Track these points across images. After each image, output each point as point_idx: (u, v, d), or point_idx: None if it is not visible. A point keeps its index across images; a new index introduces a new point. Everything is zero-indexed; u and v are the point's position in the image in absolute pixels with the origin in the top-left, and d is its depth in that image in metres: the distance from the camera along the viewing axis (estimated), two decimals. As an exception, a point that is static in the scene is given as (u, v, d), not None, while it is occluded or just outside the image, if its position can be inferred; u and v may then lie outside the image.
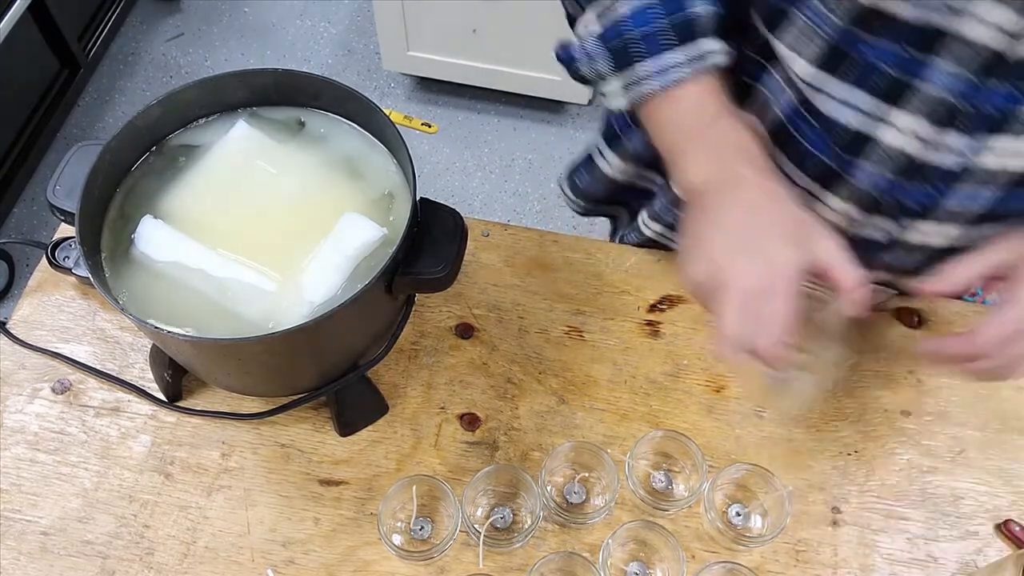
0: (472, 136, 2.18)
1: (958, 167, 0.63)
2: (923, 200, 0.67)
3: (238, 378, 0.72)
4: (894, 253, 0.74)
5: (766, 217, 0.60)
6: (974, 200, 0.66)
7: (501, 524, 0.74)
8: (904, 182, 0.65)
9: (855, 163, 0.66)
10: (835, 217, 0.72)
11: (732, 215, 0.60)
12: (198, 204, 0.70)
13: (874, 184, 0.67)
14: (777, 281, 0.57)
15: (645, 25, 0.63)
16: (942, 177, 0.64)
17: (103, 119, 2.19)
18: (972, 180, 0.65)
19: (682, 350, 0.84)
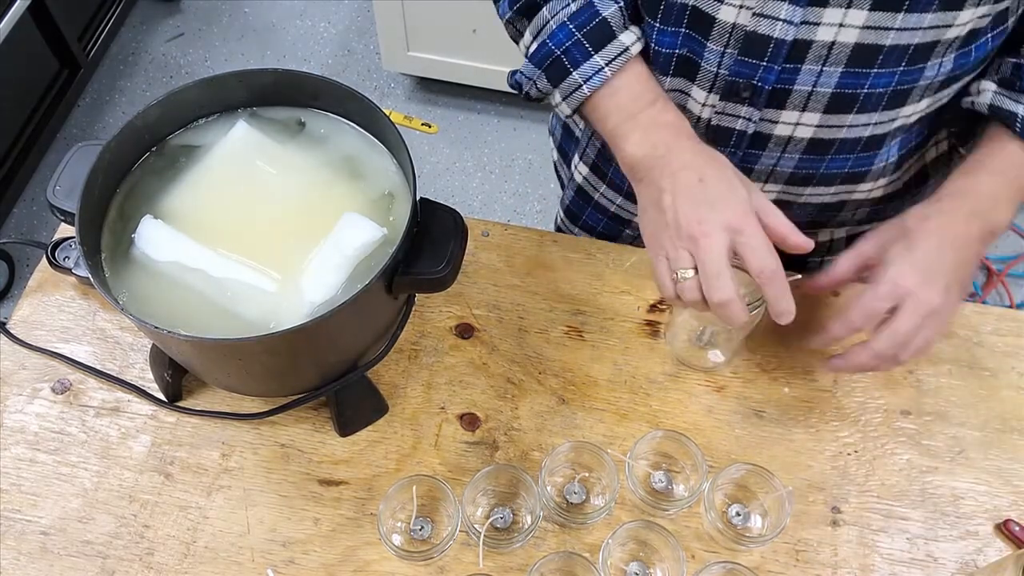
0: (472, 136, 2.18)
1: (791, 38, 0.66)
2: (769, 77, 0.69)
3: (238, 378, 0.72)
4: (771, 154, 0.77)
5: (712, 175, 0.66)
6: (820, 80, 0.68)
7: (501, 524, 0.74)
8: (747, 59, 0.68)
9: (703, 45, 0.69)
10: (702, 110, 0.75)
11: (682, 180, 0.67)
12: (198, 204, 0.70)
13: (723, 65, 0.70)
14: (746, 219, 0.64)
15: (566, 40, 0.72)
16: (779, 51, 0.67)
17: (103, 119, 2.19)
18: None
19: (682, 350, 0.84)
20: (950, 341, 0.85)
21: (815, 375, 0.83)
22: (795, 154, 0.76)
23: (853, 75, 0.68)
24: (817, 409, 0.81)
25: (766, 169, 0.78)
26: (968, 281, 0.70)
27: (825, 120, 0.72)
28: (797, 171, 0.78)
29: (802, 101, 0.70)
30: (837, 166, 0.77)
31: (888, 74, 0.68)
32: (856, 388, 0.82)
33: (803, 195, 0.82)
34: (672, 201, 0.66)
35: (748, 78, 0.69)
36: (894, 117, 0.73)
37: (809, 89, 0.69)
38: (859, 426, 0.80)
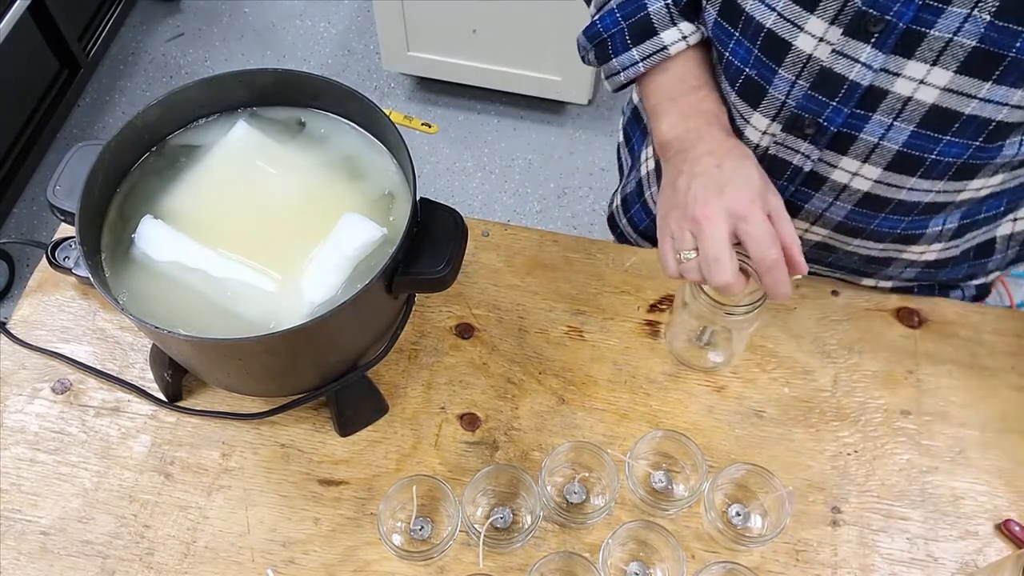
0: (472, 136, 2.18)
1: (866, 83, 0.63)
2: (836, 118, 0.66)
3: (238, 378, 0.72)
4: (824, 198, 0.75)
5: (731, 164, 0.67)
6: (888, 133, 0.66)
7: (501, 524, 0.74)
8: (817, 95, 0.66)
9: (774, 71, 0.67)
10: (762, 138, 0.73)
11: (701, 164, 0.68)
12: (198, 204, 0.70)
13: (792, 95, 0.68)
14: (751, 207, 0.65)
15: (612, 27, 0.74)
16: (852, 94, 0.64)
17: (103, 119, 2.19)
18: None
19: (682, 350, 0.84)
20: (950, 341, 0.85)
21: (815, 375, 0.83)
22: (848, 204, 0.73)
23: (924, 137, 0.64)
24: (817, 409, 0.81)
25: (816, 211, 0.76)
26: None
27: (885, 177, 0.69)
28: (847, 221, 0.76)
29: (865, 151, 0.68)
30: (890, 225, 0.75)
31: (961, 145, 0.64)
32: (856, 388, 0.82)
33: (850, 245, 0.80)
34: (687, 183, 0.67)
35: (814, 114, 0.67)
36: (960, 189, 0.70)
37: (875, 141, 0.66)
38: (859, 426, 0.80)
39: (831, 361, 0.84)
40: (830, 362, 0.84)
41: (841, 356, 0.84)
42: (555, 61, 1.98)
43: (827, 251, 0.82)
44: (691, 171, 0.68)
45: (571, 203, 2.08)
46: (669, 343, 0.84)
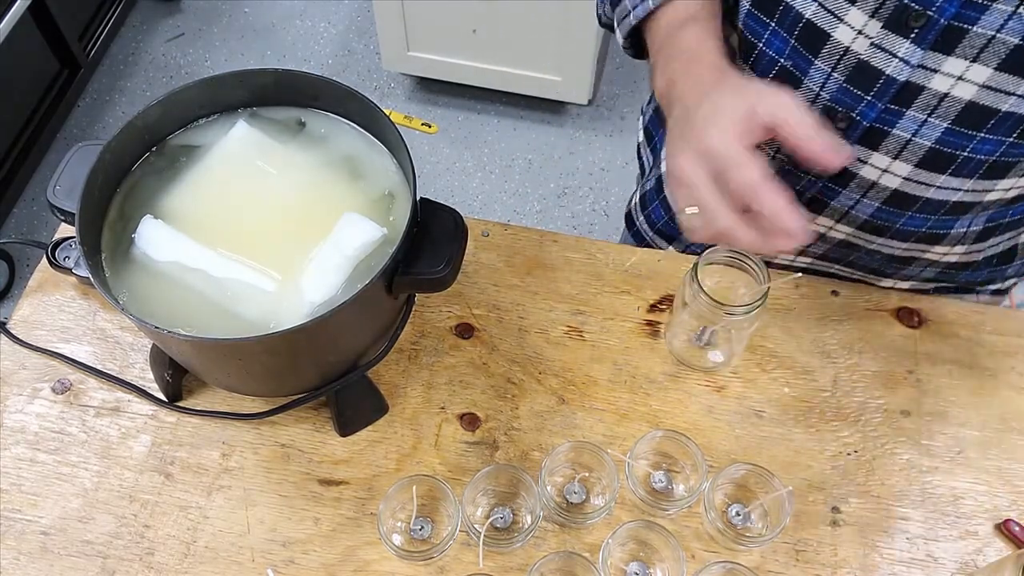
0: (472, 136, 2.18)
1: (903, 78, 0.62)
2: (869, 113, 0.66)
3: (238, 378, 0.72)
4: (851, 194, 0.73)
5: (701, 101, 0.61)
6: (921, 130, 0.65)
7: (501, 524, 0.74)
8: (852, 88, 0.65)
9: (810, 62, 0.66)
10: None
11: (675, 113, 0.65)
12: (198, 204, 0.70)
13: (826, 88, 0.67)
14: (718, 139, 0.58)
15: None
16: (888, 89, 0.63)
17: (103, 119, 2.19)
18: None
19: (682, 350, 0.84)
20: (950, 341, 0.85)
21: (815, 375, 0.83)
22: (875, 202, 0.73)
23: (957, 134, 0.64)
24: (817, 409, 0.81)
25: (842, 208, 0.75)
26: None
27: (915, 174, 0.68)
28: (873, 219, 0.75)
29: (897, 148, 0.67)
30: (915, 224, 0.74)
31: (995, 142, 0.64)
32: (856, 388, 0.82)
33: (873, 244, 0.79)
34: (669, 138, 0.65)
35: (848, 108, 0.66)
36: (990, 188, 0.69)
37: (908, 137, 0.66)
38: (859, 426, 0.80)
39: (831, 361, 0.84)
40: (830, 362, 0.84)
41: (841, 356, 0.84)
42: (555, 61, 1.98)
43: (849, 249, 0.81)
44: (670, 128, 0.64)
45: (571, 203, 2.08)
46: (669, 343, 0.84)
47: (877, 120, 0.66)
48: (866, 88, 0.64)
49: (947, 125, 0.64)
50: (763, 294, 0.72)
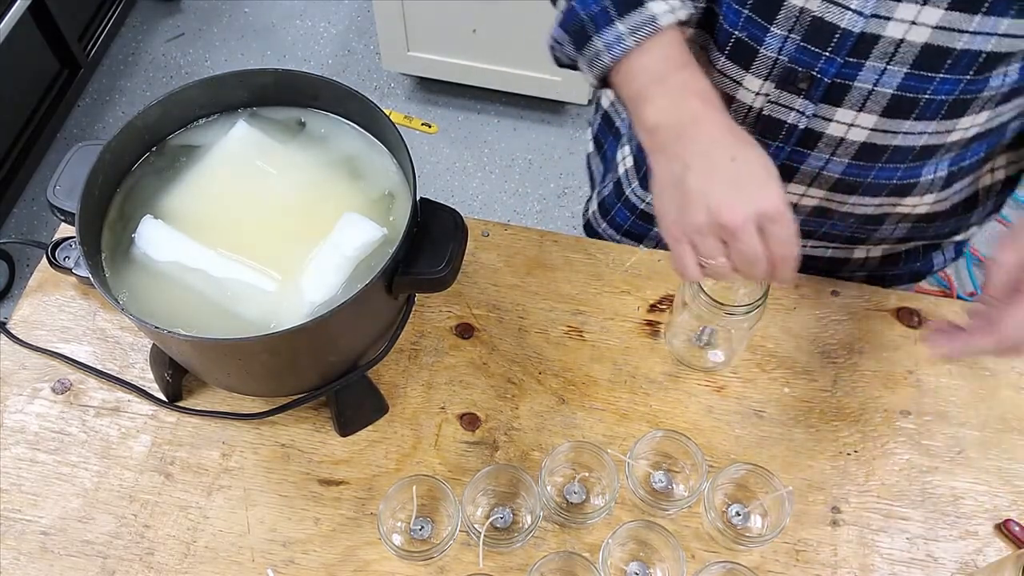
0: (472, 136, 2.18)
1: (858, 30, 0.63)
2: (829, 69, 0.66)
3: (238, 378, 0.72)
4: (820, 155, 0.74)
5: (745, 155, 0.62)
6: (882, 79, 0.66)
7: (501, 524, 0.74)
8: (810, 46, 0.66)
9: (766, 29, 0.67)
10: (755, 99, 0.73)
11: (713, 157, 0.62)
12: (198, 204, 0.70)
13: (784, 51, 0.68)
14: (780, 206, 0.60)
15: (594, 4, 0.67)
16: (845, 42, 0.64)
17: (103, 119, 2.19)
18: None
19: (682, 350, 0.84)
20: (950, 341, 0.85)
21: (815, 375, 0.83)
22: (844, 158, 0.73)
23: (917, 78, 0.65)
24: (817, 409, 0.81)
25: (812, 171, 0.76)
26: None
27: (881, 124, 0.69)
28: (844, 177, 0.76)
29: (860, 100, 0.68)
30: (886, 176, 0.75)
31: (953, 81, 0.65)
32: (856, 388, 0.82)
33: (846, 204, 0.80)
34: (701, 183, 0.61)
35: (808, 67, 0.67)
36: (951, 128, 0.70)
37: (869, 87, 0.67)
38: (859, 426, 0.80)
39: (831, 361, 0.84)
40: (830, 362, 0.84)
41: (841, 356, 0.84)
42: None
43: (824, 217, 0.81)
44: (702, 168, 0.61)
45: (571, 203, 2.08)
46: (669, 343, 0.84)
47: (838, 75, 0.67)
48: (824, 44, 0.66)
49: (907, 70, 0.65)
50: (763, 294, 0.72)
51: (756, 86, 0.71)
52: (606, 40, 0.66)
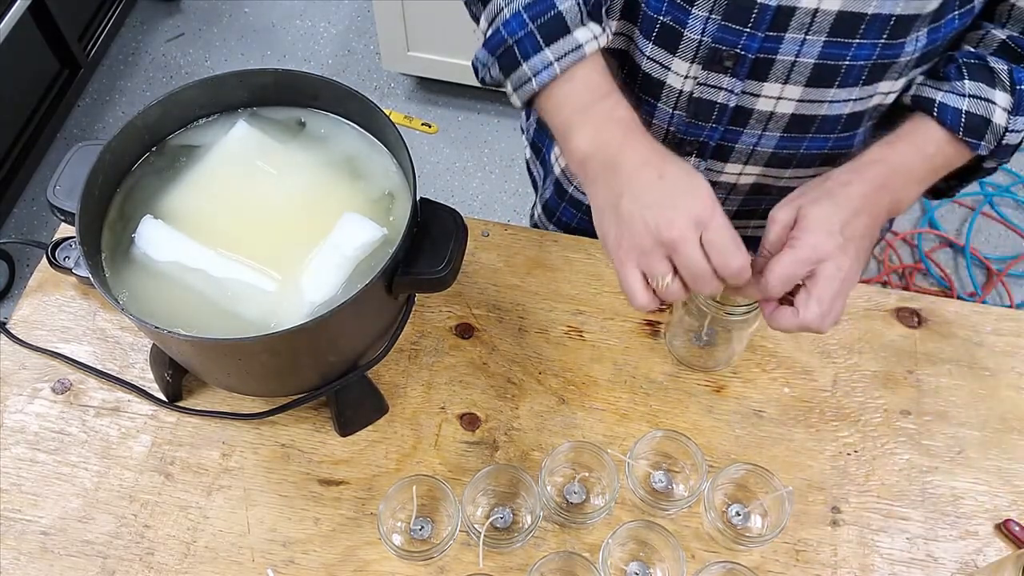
0: (472, 136, 2.18)
1: (774, 3, 0.65)
2: (752, 44, 0.68)
3: (238, 378, 0.72)
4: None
5: (672, 171, 0.65)
6: (803, 49, 0.68)
7: (501, 524, 0.74)
8: (731, 24, 0.68)
9: (688, 12, 0.69)
10: (684, 83, 0.74)
11: (641, 180, 0.65)
12: (198, 204, 0.70)
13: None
14: (712, 212, 0.62)
15: (519, 30, 0.68)
16: (763, 17, 0.66)
17: (103, 119, 2.19)
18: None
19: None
20: (950, 341, 0.85)
21: (815, 375, 0.83)
22: (776, 132, 0.76)
23: (836, 44, 0.67)
24: (817, 409, 0.81)
25: (747, 148, 0.78)
26: (868, 253, 0.69)
27: (807, 94, 0.71)
28: (777, 151, 0.78)
29: (784, 72, 0.70)
30: (817, 146, 0.77)
31: (869, 45, 0.67)
32: (856, 388, 0.82)
33: (783, 178, 0.81)
34: (634, 205, 0.64)
35: (731, 46, 0.69)
36: (872, 93, 0.73)
37: (792, 59, 0.69)
38: (859, 426, 0.80)
39: (831, 361, 0.84)
40: (830, 362, 0.84)
41: (841, 356, 0.84)
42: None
43: (762, 194, 0.83)
44: (632, 190, 0.64)
45: (571, 203, 2.08)
46: (669, 343, 0.84)
47: (761, 50, 0.69)
48: (743, 21, 0.67)
49: (824, 39, 0.67)
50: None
51: (684, 69, 0.73)
52: (533, 67, 0.68)
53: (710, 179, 0.81)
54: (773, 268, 0.64)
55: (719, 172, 0.81)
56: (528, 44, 0.68)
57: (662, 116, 0.77)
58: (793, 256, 0.64)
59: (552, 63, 0.68)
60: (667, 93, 0.75)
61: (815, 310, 0.64)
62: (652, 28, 0.72)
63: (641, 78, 0.76)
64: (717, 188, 0.83)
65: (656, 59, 0.74)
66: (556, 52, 0.68)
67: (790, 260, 0.64)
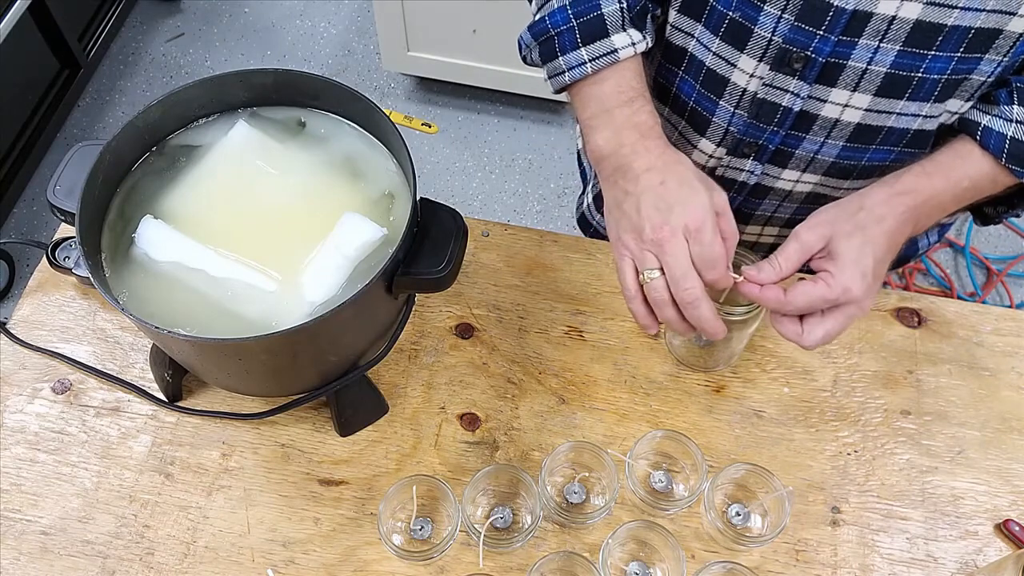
0: (472, 136, 2.18)
1: (851, 7, 0.65)
2: (824, 48, 0.68)
3: (238, 378, 0.72)
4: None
5: (673, 178, 0.67)
6: (875, 57, 0.67)
7: (501, 524, 0.74)
8: (803, 26, 0.67)
9: (759, 9, 0.68)
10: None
11: (644, 182, 0.68)
12: (198, 204, 0.70)
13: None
14: (701, 224, 0.65)
15: (562, 24, 0.72)
16: (838, 20, 0.66)
17: (103, 119, 2.19)
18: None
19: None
20: (950, 341, 0.85)
21: (815, 375, 0.83)
22: (839, 140, 0.75)
23: (910, 55, 0.66)
24: (817, 409, 0.81)
25: (807, 155, 0.77)
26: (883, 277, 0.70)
27: (875, 104, 0.70)
28: (839, 160, 0.77)
29: (855, 79, 0.69)
30: (880, 158, 0.76)
31: (945, 59, 0.66)
32: (856, 388, 0.82)
33: (841, 189, 0.80)
34: (635, 204, 0.67)
35: (802, 47, 0.68)
36: (941, 111, 0.71)
37: (863, 66, 0.68)
38: (859, 426, 0.80)
39: (831, 361, 0.84)
40: (830, 362, 0.84)
41: (841, 356, 0.84)
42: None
43: (818, 204, 0.82)
44: (635, 191, 0.68)
45: (571, 203, 2.08)
46: (669, 343, 0.84)
47: (832, 55, 0.68)
48: (817, 23, 0.66)
49: (899, 48, 0.66)
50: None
51: (751, 67, 0.72)
52: (568, 61, 0.72)
53: (766, 184, 0.82)
54: (799, 295, 0.66)
55: (776, 178, 0.81)
56: (567, 39, 0.72)
57: (723, 114, 0.77)
58: (822, 294, 0.65)
59: (585, 62, 0.71)
60: (730, 91, 0.75)
61: (818, 337, 0.66)
62: (721, 23, 0.71)
63: (705, 74, 0.75)
64: (772, 194, 0.83)
65: (722, 55, 0.73)
66: (591, 53, 0.71)
67: (818, 296, 0.65)
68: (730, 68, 0.73)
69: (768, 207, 0.85)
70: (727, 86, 0.74)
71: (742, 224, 0.89)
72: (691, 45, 0.75)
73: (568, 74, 0.72)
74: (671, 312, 0.66)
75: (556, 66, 0.73)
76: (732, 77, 0.74)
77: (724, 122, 0.77)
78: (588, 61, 0.71)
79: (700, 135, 0.80)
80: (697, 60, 0.75)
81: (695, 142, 0.81)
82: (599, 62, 0.71)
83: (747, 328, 0.76)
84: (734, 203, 0.85)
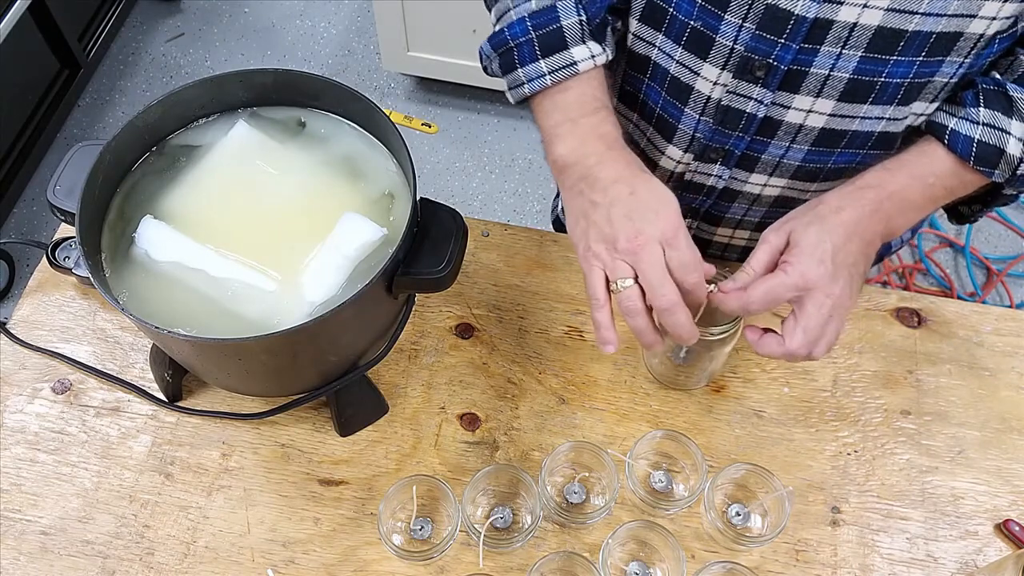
0: (472, 136, 2.18)
1: (812, 15, 0.64)
2: (785, 56, 0.68)
3: (238, 378, 0.72)
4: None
5: (644, 188, 0.67)
6: (838, 63, 0.67)
7: (501, 524, 0.74)
8: (765, 35, 0.67)
9: (720, 18, 0.68)
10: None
11: (613, 192, 0.67)
12: (198, 204, 0.70)
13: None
14: (676, 231, 0.65)
15: (521, 35, 0.71)
16: (799, 28, 0.66)
17: (103, 119, 2.19)
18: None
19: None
20: (950, 341, 0.85)
21: (815, 375, 0.83)
22: (804, 145, 0.75)
23: (872, 61, 0.66)
24: (817, 409, 0.81)
25: (773, 160, 0.77)
26: (863, 276, 0.69)
27: (839, 108, 0.71)
28: (805, 164, 0.77)
29: (817, 85, 0.69)
30: (845, 160, 0.76)
31: (907, 63, 0.66)
32: (856, 388, 0.82)
33: (808, 191, 0.81)
34: (606, 214, 0.66)
35: (764, 55, 0.68)
36: (906, 114, 0.72)
37: (826, 73, 0.68)
38: (859, 426, 0.80)
39: (831, 361, 0.84)
40: (830, 362, 0.84)
41: (841, 356, 0.84)
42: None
43: (787, 207, 0.83)
44: (604, 201, 0.67)
45: (571, 203, 2.08)
46: (647, 362, 0.83)
47: (794, 62, 0.68)
48: (779, 32, 0.66)
49: (861, 54, 0.66)
50: (737, 316, 0.71)
51: (714, 75, 0.72)
52: (527, 73, 0.72)
53: (734, 188, 0.82)
54: (758, 286, 0.65)
55: (743, 182, 0.81)
56: (526, 51, 0.71)
57: (688, 121, 0.77)
58: (780, 280, 0.65)
59: (545, 75, 0.71)
60: (695, 98, 0.75)
61: (800, 339, 0.65)
62: (683, 33, 0.71)
63: (669, 82, 0.75)
64: (741, 198, 0.83)
65: (686, 64, 0.73)
66: (550, 65, 0.71)
67: (777, 283, 0.65)
68: (693, 76, 0.73)
69: (738, 210, 0.85)
70: (691, 93, 0.75)
71: (713, 226, 0.89)
72: (654, 54, 0.75)
73: (527, 86, 0.72)
74: (643, 321, 0.65)
75: (515, 78, 0.72)
76: (696, 85, 0.74)
77: (690, 128, 0.77)
78: (548, 73, 0.71)
79: (667, 141, 0.81)
80: (661, 68, 0.76)
81: (663, 148, 0.82)
82: (558, 74, 0.70)
83: (724, 347, 0.75)
84: (704, 206, 0.86)
